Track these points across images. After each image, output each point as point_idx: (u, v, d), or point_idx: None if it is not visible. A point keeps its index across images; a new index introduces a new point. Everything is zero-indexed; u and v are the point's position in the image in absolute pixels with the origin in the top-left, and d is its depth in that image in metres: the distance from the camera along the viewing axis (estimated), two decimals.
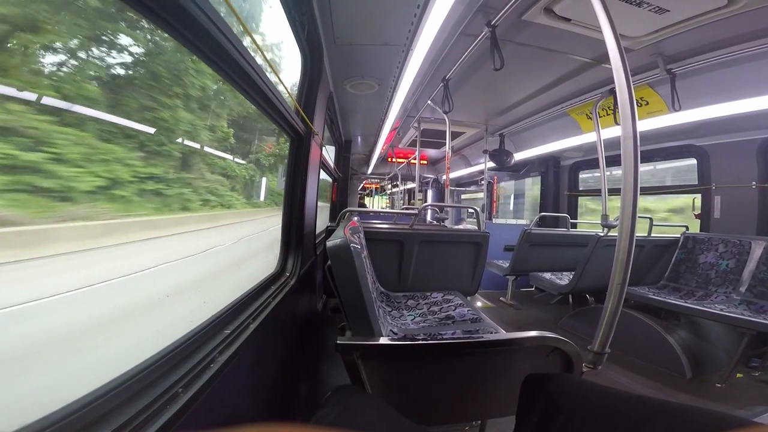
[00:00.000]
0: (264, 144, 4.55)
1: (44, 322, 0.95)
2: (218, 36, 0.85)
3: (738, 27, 2.13)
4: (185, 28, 0.78)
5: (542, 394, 0.87)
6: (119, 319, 1.15)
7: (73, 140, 1.13)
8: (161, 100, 1.79)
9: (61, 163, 1.05)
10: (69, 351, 0.93)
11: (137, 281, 1.43)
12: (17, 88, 0.89)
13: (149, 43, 1.60)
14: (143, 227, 1.70)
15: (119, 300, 1.26)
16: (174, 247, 1.98)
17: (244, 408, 1.03)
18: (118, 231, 1.51)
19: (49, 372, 0.80)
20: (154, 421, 0.59)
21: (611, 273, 1.25)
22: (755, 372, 2.50)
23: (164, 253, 1.84)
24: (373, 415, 0.83)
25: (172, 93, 1.88)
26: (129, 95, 1.57)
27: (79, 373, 0.80)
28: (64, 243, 1.15)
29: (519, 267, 3.94)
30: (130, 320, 1.20)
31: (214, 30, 0.82)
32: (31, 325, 0.90)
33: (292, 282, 1.78)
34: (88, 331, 1.05)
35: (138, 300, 1.34)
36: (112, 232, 1.47)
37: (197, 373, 0.75)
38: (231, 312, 1.09)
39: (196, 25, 0.78)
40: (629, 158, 1.22)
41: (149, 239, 1.72)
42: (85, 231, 1.28)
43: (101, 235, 1.39)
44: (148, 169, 1.70)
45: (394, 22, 1.99)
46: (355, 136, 5.55)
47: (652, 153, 4.03)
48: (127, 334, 1.07)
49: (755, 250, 2.86)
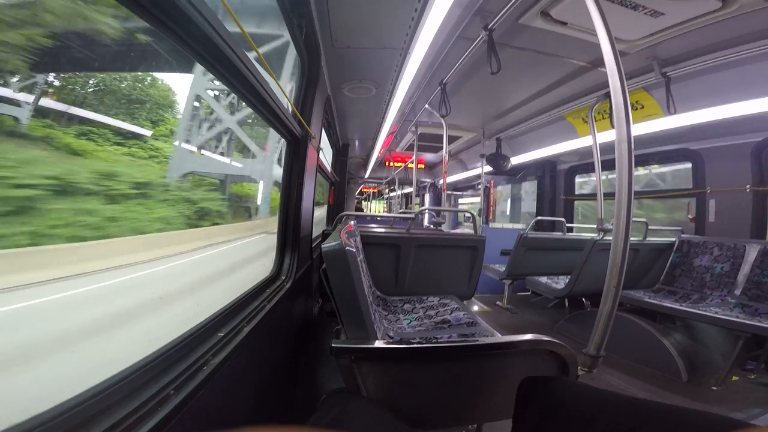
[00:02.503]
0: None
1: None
2: (215, 38, 0.84)
3: (732, 30, 2.15)
4: (183, 31, 0.78)
5: (538, 397, 0.87)
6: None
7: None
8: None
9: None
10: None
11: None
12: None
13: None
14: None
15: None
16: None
17: (238, 411, 1.02)
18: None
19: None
20: (145, 422, 0.59)
21: (606, 276, 1.25)
22: (751, 374, 2.50)
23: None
24: (368, 418, 0.83)
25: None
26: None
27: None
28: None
29: (515, 271, 3.94)
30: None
31: (211, 32, 0.82)
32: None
33: (287, 285, 1.77)
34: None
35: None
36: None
37: (189, 376, 0.75)
38: (225, 315, 1.08)
39: (193, 28, 0.77)
40: (624, 162, 1.23)
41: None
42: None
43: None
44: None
45: (391, 25, 1.99)
46: (352, 139, 5.56)
47: (647, 157, 4.05)
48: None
49: (750, 253, 2.87)
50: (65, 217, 2.14)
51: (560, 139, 4.42)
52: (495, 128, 4.81)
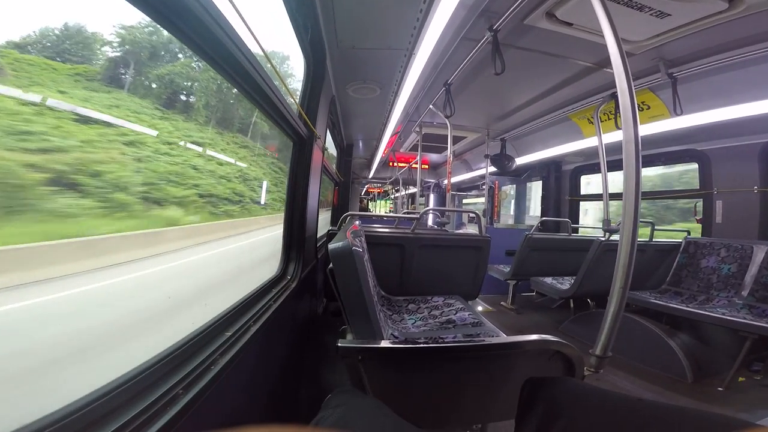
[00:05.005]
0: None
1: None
2: (224, 39, 0.85)
3: (739, 30, 2.14)
4: (192, 31, 0.79)
5: (542, 397, 0.86)
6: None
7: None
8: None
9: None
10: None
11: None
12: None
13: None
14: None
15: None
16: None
17: (245, 410, 1.03)
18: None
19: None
20: (154, 421, 0.59)
21: (613, 277, 1.25)
22: (757, 376, 2.48)
23: None
24: (373, 417, 0.83)
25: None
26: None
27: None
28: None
29: (520, 271, 3.94)
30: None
31: (219, 33, 0.83)
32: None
33: (293, 285, 1.78)
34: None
35: None
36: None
37: (198, 375, 0.76)
38: (232, 314, 1.09)
39: (202, 28, 0.78)
40: (631, 162, 1.22)
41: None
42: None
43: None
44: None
45: (397, 26, 2.00)
46: (356, 140, 5.57)
47: (654, 157, 4.03)
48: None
49: (757, 255, 2.85)
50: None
51: (565, 140, 4.40)
52: (500, 129, 4.80)
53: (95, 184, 1.60)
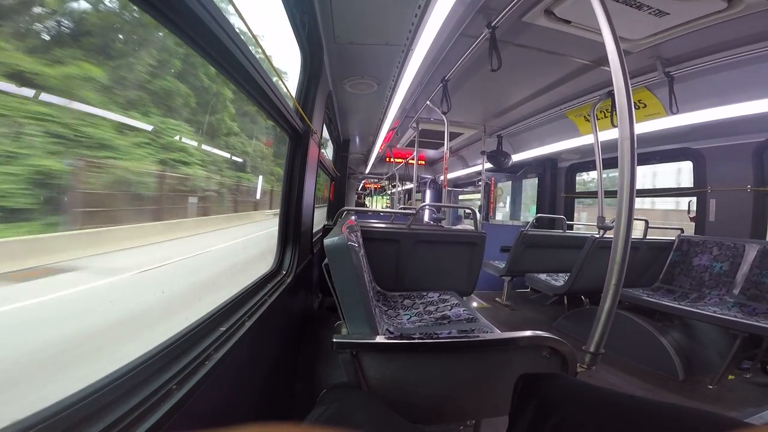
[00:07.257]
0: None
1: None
2: (218, 32, 0.84)
3: (737, 30, 2.14)
4: (184, 23, 0.78)
5: (535, 393, 0.87)
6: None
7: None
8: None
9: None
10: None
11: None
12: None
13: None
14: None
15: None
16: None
17: (239, 406, 1.03)
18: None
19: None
20: (147, 418, 0.59)
21: (607, 274, 1.26)
22: (746, 374, 2.51)
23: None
24: (368, 413, 0.83)
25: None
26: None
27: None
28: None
29: (515, 268, 3.95)
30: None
31: (214, 26, 0.82)
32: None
33: (288, 280, 1.78)
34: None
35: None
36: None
37: (192, 370, 0.75)
38: (226, 309, 1.08)
39: (195, 20, 0.77)
40: (626, 160, 1.23)
41: None
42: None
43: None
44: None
45: (395, 21, 1.98)
46: (353, 135, 5.55)
47: (649, 156, 4.05)
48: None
49: (749, 253, 2.88)
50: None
51: (562, 137, 4.41)
52: (496, 125, 4.80)
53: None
